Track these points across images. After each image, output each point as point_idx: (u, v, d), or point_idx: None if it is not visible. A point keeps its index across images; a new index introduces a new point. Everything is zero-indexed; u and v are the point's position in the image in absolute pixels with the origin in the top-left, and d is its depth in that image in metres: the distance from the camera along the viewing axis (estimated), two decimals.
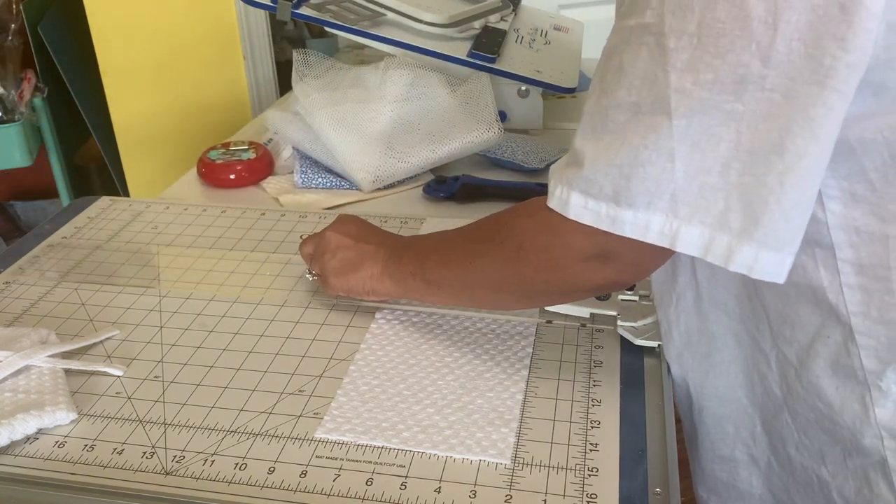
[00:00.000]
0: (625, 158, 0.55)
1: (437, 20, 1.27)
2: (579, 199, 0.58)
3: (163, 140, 1.90)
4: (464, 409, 0.69)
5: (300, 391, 0.72)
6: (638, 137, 0.54)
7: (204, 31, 1.79)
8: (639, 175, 0.54)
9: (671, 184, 0.54)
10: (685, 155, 0.53)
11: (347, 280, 0.80)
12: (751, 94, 0.51)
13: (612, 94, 0.56)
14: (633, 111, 0.55)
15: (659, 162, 0.53)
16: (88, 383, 0.74)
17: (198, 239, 1.01)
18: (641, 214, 0.55)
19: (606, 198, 0.56)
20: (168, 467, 0.64)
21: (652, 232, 0.55)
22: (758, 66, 0.50)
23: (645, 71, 0.54)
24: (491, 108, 1.17)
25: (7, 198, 2.57)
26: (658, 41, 0.53)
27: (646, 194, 0.55)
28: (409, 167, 1.13)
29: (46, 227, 1.04)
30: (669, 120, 0.53)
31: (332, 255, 0.82)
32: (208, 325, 0.82)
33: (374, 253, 0.80)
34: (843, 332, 0.61)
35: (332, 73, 1.25)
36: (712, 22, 0.50)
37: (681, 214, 0.54)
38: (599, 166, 0.56)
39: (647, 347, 0.77)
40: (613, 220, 0.56)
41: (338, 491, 0.61)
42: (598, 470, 0.63)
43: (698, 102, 0.52)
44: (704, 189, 0.53)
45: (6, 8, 2.05)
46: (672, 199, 0.54)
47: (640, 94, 0.54)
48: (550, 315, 0.81)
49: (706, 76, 0.51)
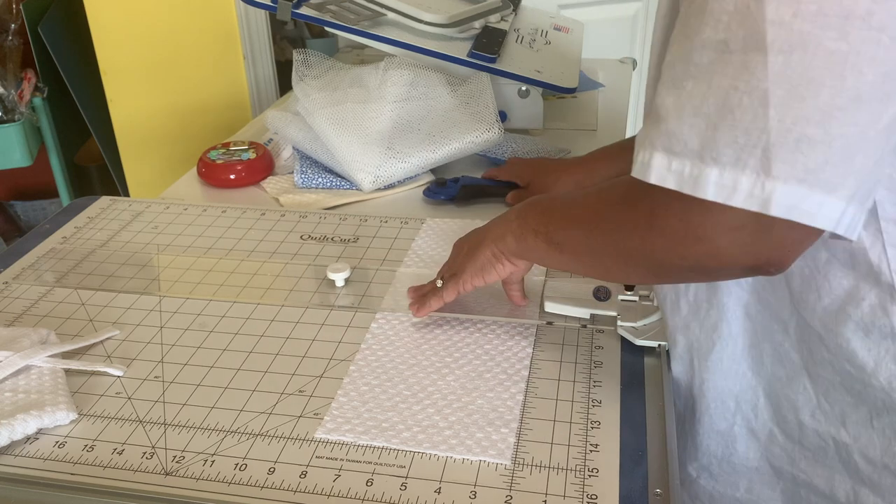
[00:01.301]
0: (712, 105, 0.50)
1: (437, 20, 1.27)
2: (662, 159, 0.53)
3: (163, 140, 1.91)
4: (464, 409, 0.69)
5: (300, 391, 0.72)
6: (727, 79, 0.49)
7: (204, 31, 1.79)
8: (727, 123, 0.49)
9: (764, 135, 0.49)
10: (781, 99, 0.48)
11: (476, 256, 0.76)
12: (857, 33, 0.46)
13: (697, 33, 0.51)
14: (720, 50, 0.50)
15: (751, 106, 0.49)
16: (88, 383, 0.74)
17: (198, 239, 1.01)
18: (728, 172, 0.50)
19: (691, 153, 0.51)
20: (168, 467, 0.64)
21: (739, 193, 0.50)
22: (866, 1, 0.46)
23: (735, 4, 0.49)
24: (491, 108, 1.17)
25: (7, 198, 2.57)
26: None
27: (734, 147, 0.49)
28: (409, 167, 1.13)
29: (46, 227, 1.04)
30: (765, 55, 0.48)
31: (458, 252, 0.80)
32: (208, 326, 0.82)
33: (495, 221, 0.76)
34: (881, 293, 0.59)
35: (332, 73, 1.25)
36: None
37: (774, 172, 0.49)
38: (684, 117, 0.51)
39: (647, 347, 0.77)
40: (696, 180, 0.51)
41: (338, 491, 0.61)
42: (599, 471, 0.63)
43: (798, 36, 0.47)
44: (802, 142, 0.48)
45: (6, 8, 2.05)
46: (764, 153, 0.49)
47: (730, 30, 0.49)
48: (551, 316, 0.81)
49: (808, 7, 0.47)
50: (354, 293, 0.87)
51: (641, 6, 2.26)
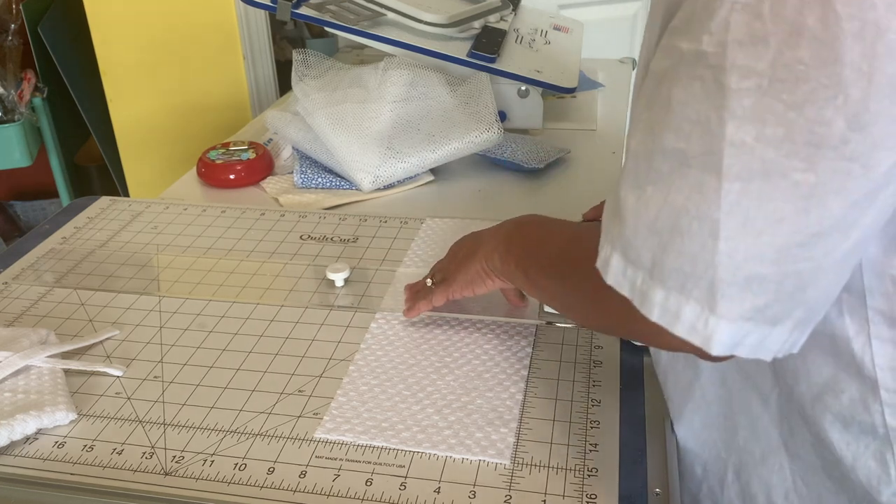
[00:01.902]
0: (664, 222, 0.46)
1: (437, 20, 1.27)
2: (619, 262, 0.49)
3: (163, 140, 1.91)
4: (463, 409, 0.69)
5: (300, 391, 0.72)
6: (681, 197, 0.44)
7: (204, 32, 1.79)
8: (676, 246, 0.45)
9: (711, 269, 0.44)
10: (734, 232, 0.43)
11: (467, 267, 0.76)
12: (827, 164, 0.41)
13: (660, 135, 0.46)
14: (679, 161, 0.45)
15: (700, 234, 0.44)
16: (88, 383, 0.74)
17: (197, 239, 1.01)
18: (673, 299, 0.46)
19: (643, 267, 0.47)
20: (167, 468, 0.64)
21: (682, 323, 0.46)
22: (841, 127, 0.40)
23: (697, 113, 0.43)
24: (491, 108, 1.17)
25: (7, 198, 2.57)
26: (716, 77, 0.42)
27: (680, 274, 0.45)
28: (409, 167, 1.13)
29: (46, 227, 1.04)
30: (719, 180, 0.43)
31: (452, 256, 0.80)
32: (208, 326, 0.82)
33: (489, 234, 0.76)
34: (863, 387, 0.54)
35: (332, 73, 1.25)
36: (791, 62, 0.40)
37: (719, 310, 0.45)
38: (640, 228, 0.47)
39: (646, 348, 0.77)
40: (644, 296, 0.48)
41: (337, 491, 0.61)
42: (598, 470, 0.63)
43: (760, 164, 0.42)
44: (752, 280, 0.44)
45: (6, 8, 2.05)
46: (710, 287, 0.45)
47: (689, 141, 0.44)
48: (550, 316, 0.81)
49: (774, 131, 0.41)
50: (354, 293, 0.87)
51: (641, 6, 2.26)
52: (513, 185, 1.17)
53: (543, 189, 1.16)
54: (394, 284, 0.88)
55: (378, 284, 0.89)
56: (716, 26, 0.42)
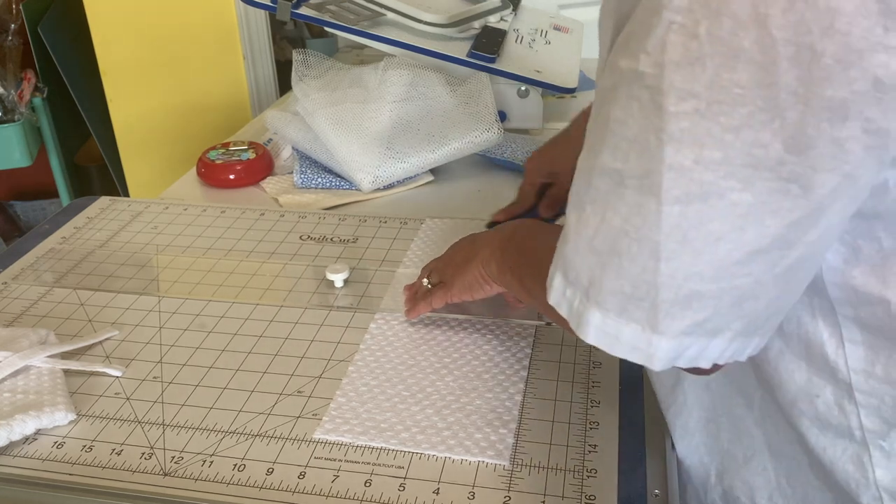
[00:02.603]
0: (602, 243, 0.45)
1: (437, 20, 1.27)
2: (560, 282, 0.49)
3: (163, 140, 1.91)
4: (462, 410, 0.69)
5: (299, 392, 0.72)
6: (618, 218, 0.44)
7: (204, 32, 1.79)
8: (614, 268, 0.45)
9: (653, 290, 0.44)
10: (673, 253, 0.43)
11: (465, 273, 0.76)
12: (763, 184, 0.41)
13: (597, 154, 0.45)
14: (616, 181, 0.44)
15: (640, 256, 0.44)
16: (87, 384, 0.74)
17: (197, 239, 1.01)
18: (611, 321, 0.46)
19: (581, 287, 0.47)
20: (167, 468, 0.64)
21: (622, 344, 0.47)
22: (778, 150, 0.40)
23: (635, 134, 0.43)
24: (491, 108, 1.17)
25: (7, 198, 2.57)
26: (654, 98, 0.42)
27: (619, 296, 0.46)
28: (409, 167, 1.13)
29: (46, 227, 1.04)
30: (659, 204, 0.42)
31: (450, 260, 0.80)
32: (207, 326, 0.82)
33: (486, 239, 0.76)
34: (838, 391, 0.53)
35: (332, 73, 1.25)
36: (728, 85, 0.40)
37: (661, 328, 0.45)
38: (579, 247, 0.47)
39: None
40: (580, 317, 0.48)
41: (336, 492, 0.61)
42: (597, 471, 0.63)
43: (698, 187, 0.42)
44: (693, 298, 0.44)
45: (6, 8, 2.05)
46: (652, 308, 0.45)
47: (627, 162, 0.43)
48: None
49: (713, 154, 0.41)
50: (353, 294, 0.87)
51: None
52: (513, 185, 1.16)
53: None
54: (393, 285, 0.88)
55: (378, 285, 0.89)
56: (652, 46, 0.41)
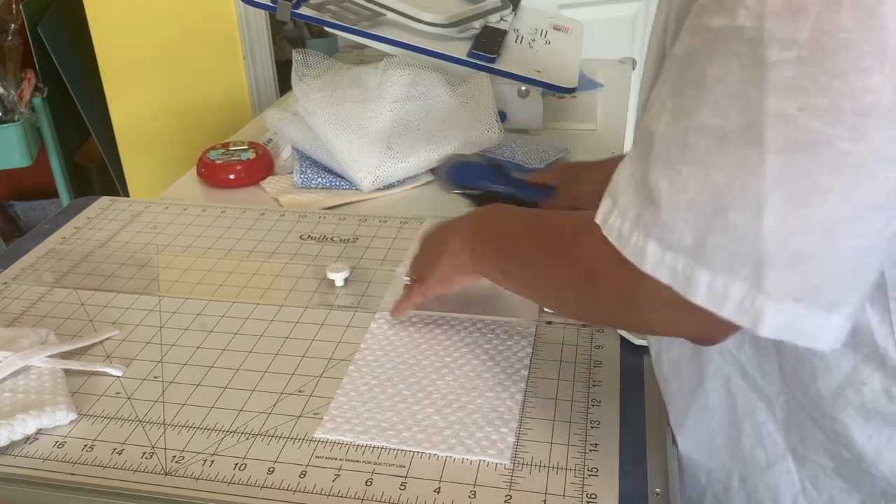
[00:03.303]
0: (706, 201, 0.44)
1: (437, 20, 1.27)
2: (656, 249, 0.48)
3: (163, 140, 1.91)
4: (463, 409, 0.69)
5: (300, 391, 0.72)
6: (723, 174, 0.44)
7: (204, 31, 1.79)
8: (720, 224, 0.44)
9: (757, 245, 0.43)
10: (779, 206, 0.42)
11: (437, 265, 0.76)
12: (877, 132, 0.39)
13: (694, 113, 0.45)
14: (718, 138, 0.44)
15: (745, 209, 0.43)
16: (88, 383, 0.74)
17: (197, 239, 1.01)
18: (720, 279, 0.45)
19: (685, 250, 0.46)
20: (167, 467, 0.64)
21: (730, 304, 0.45)
22: (889, 95, 0.39)
23: (735, 88, 0.43)
24: (491, 108, 1.17)
25: (7, 198, 2.57)
26: (754, 51, 0.41)
27: (727, 252, 0.44)
28: (409, 167, 1.13)
29: (46, 227, 1.04)
30: (761, 154, 0.42)
31: (423, 254, 0.80)
32: (208, 326, 0.82)
33: (455, 228, 0.75)
34: (886, 378, 0.52)
35: (332, 73, 1.25)
36: (832, 30, 0.39)
37: (766, 287, 0.44)
38: (679, 209, 0.46)
39: (646, 348, 0.77)
40: (689, 279, 0.46)
41: (337, 491, 0.61)
42: (598, 470, 0.63)
43: (804, 134, 0.41)
44: (800, 256, 0.43)
45: (6, 8, 2.05)
46: (757, 263, 0.44)
47: (728, 118, 0.43)
48: (550, 315, 0.81)
49: (818, 101, 0.40)
50: (354, 293, 0.87)
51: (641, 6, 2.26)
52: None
53: None
54: (393, 284, 0.88)
55: (378, 284, 0.89)
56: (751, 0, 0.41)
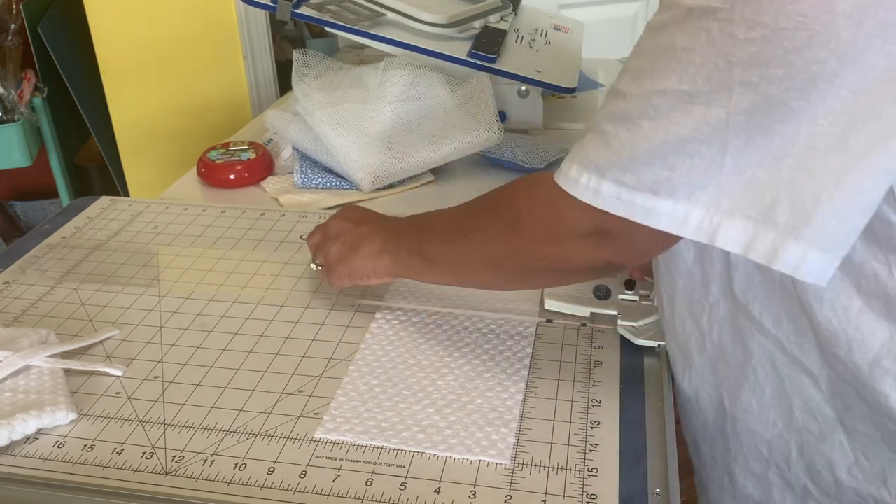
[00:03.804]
0: (670, 149, 0.52)
1: (437, 20, 1.27)
2: (612, 188, 0.55)
3: (163, 140, 1.91)
4: (463, 409, 0.69)
5: (300, 391, 0.72)
6: (686, 129, 0.51)
7: (204, 31, 1.79)
8: (684, 166, 0.52)
9: (717, 176, 0.51)
10: (738, 148, 0.50)
11: (348, 263, 0.79)
12: (819, 92, 0.47)
13: (659, 78, 0.52)
14: (683, 100, 0.51)
15: (709, 154, 0.51)
16: (88, 383, 0.74)
17: (197, 239, 1.01)
18: (681, 206, 0.52)
19: (643, 188, 0.54)
20: (168, 467, 0.64)
21: (690, 225, 0.53)
22: (833, 64, 0.47)
23: (703, 59, 0.50)
24: (491, 108, 1.17)
25: (7, 198, 2.57)
26: (723, 28, 0.49)
27: (689, 185, 0.52)
28: (409, 167, 1.13)
29: (46, 227, 1.04)
30: (727, 114, 0.50)
31: (334, 241, 0.81)
32: (208, 325, 0.82)
33: (372, 232, 0.79)
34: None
35: (332, 73, 1.25)
36: (792, 14, 0.47)
37: (723, 207, 0.51)
38: (640, 156, 0.53)
39: (647, 348, 0.77)
40: (649, 211, 0.54)
41: (337, 491, 0.61)
42: (598, 470, 0.63)
43: (763, 98, 0.49)
44: (752, 182, 0.50)
45: (6, 8, 2.05)
46: (715, 191, 0.51)
47: (695, 84, 0.51)
48: (550, 314, 0.81)
49: (776, 71, 0.48)
50: (354, 293, 0.87)
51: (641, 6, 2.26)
52: None
53: None
54: (394, 284, 0.88)
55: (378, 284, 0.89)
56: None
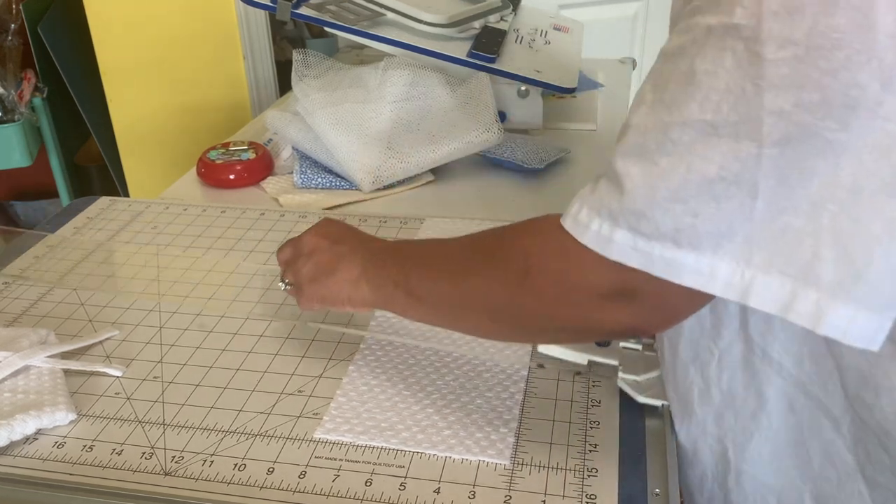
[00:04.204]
0: (693, 190, 0.46)
1: (437, 20, 1.27)
2: (626, 237, 0.49)
3: (163, 140, 1.91)
4: (463, 409, 0.69)
5: (299, 391, 0.72)
6: (712, 166, 0.45)
7: (204, 31, 1.79)
8: (709, 212, 0.46)
9: (747, 223, 0.45)
10: (770, 190, 0.44)
11: (321, 286, 0.70)
12: (861, 122, 0.42)
13: (678, 108, 0.47)
14: (706, 132, 0.45)
15: (738, 196, 0.45)
16: (88, 384, 0.74)
17: (197, 239, 1.01)
18: (706, 259, 0.46)
19: (662, 237, 0.47)
20: (167, 468, 0.64)
21: (718, 281, 0.47)
22: (876, 90, 0.42)
23: (728, 83, 0.45)
24: (490, 108, 1.17)
25: (7, 198, 2.57)
26: (750, 48, 0.44)
27: (715, 235, 0.46)
28: (409, 167, 1.13)
29: (46, 227, 1.04)
30: (759, 147, 0.44)
31: (306, 259, 0.72)
32: (207, 326, 0.82)
33: (352, 254, 0.70)
34: None
35: (332, 73, 1.25)
36: (827, 30, 0.42)
37: (755, 262, 0.45)
38: (658, 199, 0.47)
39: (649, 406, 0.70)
40: (669, 264, 0.48)
41: (337, 491, 0.61)
42: (598, 470, 0.63)
43: (797, 128, 0.43)
44: (788, 231, 0.44)
45: (6, 8, 2.05)
46: (746, 241, 0.45)
47: (719, 112, 0.45)
48: (543, 358, 0.75)
49: (811, 96, 0.42)
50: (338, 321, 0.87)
51: (641, 6, 2.26)
52: (513, 185, 1.17)
53: (543, 189, 1.15)
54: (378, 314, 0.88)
55: None
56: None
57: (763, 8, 0.43)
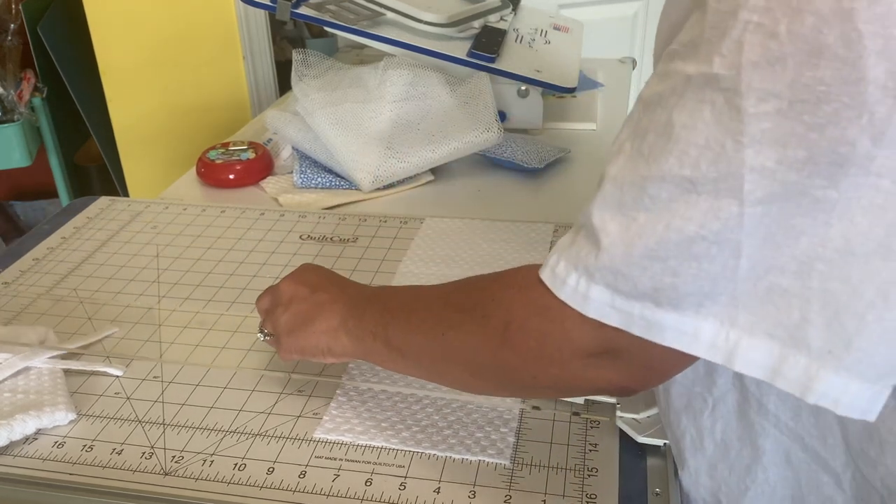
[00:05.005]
0: (672, 249, 0.43)
1: (436, 20, 1.27)
2: (604, 294, 0.46)
3: (162, 140, 1.91)
4: (463, 408, 0.69)
5: (299, 391, 0.72)
6: (692, 224, 0.43)
7: (204, 31, 1.79)
8: (690, 272, 0.43)
9: (730, 283, 0.43)
10: (755, 249, 0.42)
11: (299, 338, 0.67)
12: (851, 180, 0.39)
13: (657, 161, 0.44)
14: (685, 189, 0.43)
15: (720, 256, 0.42)
16: (87, 383, 0.74)
17: (197, 239, 1.01)
18: (689, 319, 0.44)
19: (641, 296, 0.45)
20: (167, 467, 0.64)
21: (702, 343, 0.44)
22: (866, 145, 0.39)
23: (707, 138, 0.42)
24: (490, 108, 1.17)
25: (7, 198, 2.56)
26: (730, 101, 0.41)
27: (697, 294, 0.44)
28: (409, 167, 1.13)
29: (46, 227, 1.04)
30: (741, 206, 0.41)
31: (284, 309, 0.69)
32: (207, 325, 0.82)
33: (331, 303, 0.66)
34: None
35: (332, 73, 1.25)
36: (811, 83, 0.39)
37: (741, 322, 0.43)
38: (634, 256, 0.45)
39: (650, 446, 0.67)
40: (650, 324, 0.45)
41: (337, 491, 0.61)
42: (598, 470, 0.63)
43: (782, 186, 0.40)
44: (774, 293, 0.42)
45: (6, 8, 2.05)
46: (730, 301, 0.43)
47: (698, 169, 0.42)
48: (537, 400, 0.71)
49: (796, 153, 0.40)
50: (309, 370, 0.86)
51: (641, 6, 2.26)
52: (513, 185, 1.17)
53: (543, 189, 1.15)
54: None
55: (378, 284, 0.89)
56: (728, 48, 0.40)
57: (742, 58, 0.40)
